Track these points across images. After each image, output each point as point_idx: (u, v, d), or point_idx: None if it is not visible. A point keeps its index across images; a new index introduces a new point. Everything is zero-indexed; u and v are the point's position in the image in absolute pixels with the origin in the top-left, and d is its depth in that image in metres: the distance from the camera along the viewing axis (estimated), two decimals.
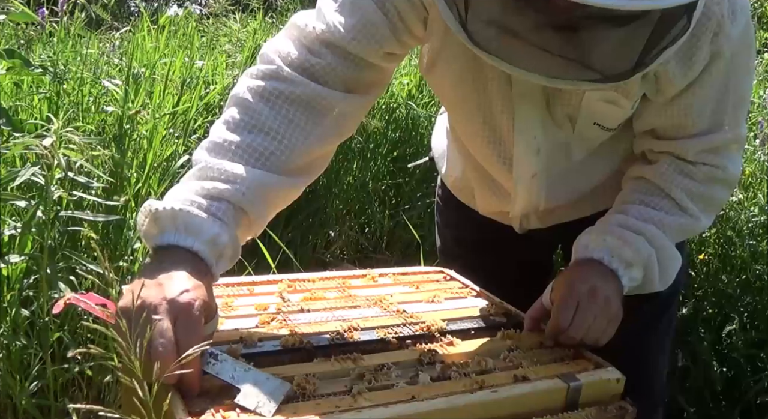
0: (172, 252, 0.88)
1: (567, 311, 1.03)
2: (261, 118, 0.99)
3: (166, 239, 0.88)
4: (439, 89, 1.29)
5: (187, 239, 0.88)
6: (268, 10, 4.02)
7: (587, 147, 1.23)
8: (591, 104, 1.12)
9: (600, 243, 1.10)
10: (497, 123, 1.20)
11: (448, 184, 1.51)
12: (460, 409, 0.84)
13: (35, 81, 2.03)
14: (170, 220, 0.89)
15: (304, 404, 0.81)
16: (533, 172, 1.23)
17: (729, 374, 2.22)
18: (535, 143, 1.19)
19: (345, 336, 1.00)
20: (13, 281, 1.55)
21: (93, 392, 1.69)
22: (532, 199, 1.28)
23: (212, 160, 0.95)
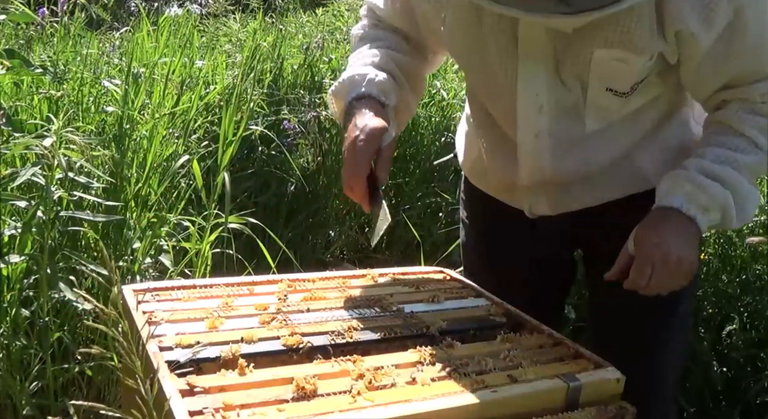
0: (350, 107, 1.19)
1: (642, 277, 1.16)
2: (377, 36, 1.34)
3: (346, 101, 1.21)
4: (454, 52, 1.36)
5: (355, 91, 1.20)
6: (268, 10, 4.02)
7: (602, 117, 1.23)
8: (601, 63, 1.14)
9: (678, 190, 1.17)
10: (504, 80, 1.22)
11: (466, 171, 1.54)
12: (460, 409, 0.84)
13: (35, 81, 2.04)
14: (344, 88, 1.22)
15: (304, 404, 0.82)
16: (536, 130, 1.25)
17: (729, 374, 2.22)
18: (537, 100, 1.21)
19: (345, 336, 1.00)
20: (13, 281, 1.55)
21: (93, 392, 1.69)
22: (537, 162, 1.28)
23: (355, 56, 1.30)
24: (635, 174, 1.30)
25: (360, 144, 1.12)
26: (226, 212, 1.87)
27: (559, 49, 1.16)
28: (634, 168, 1.30)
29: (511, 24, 1.15)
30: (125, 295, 1.05)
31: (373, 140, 1.12)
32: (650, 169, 1.30)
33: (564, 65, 1.17)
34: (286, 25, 4.15)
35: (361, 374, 0.89)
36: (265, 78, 2.93)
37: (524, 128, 1.25)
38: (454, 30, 1.25)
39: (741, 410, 2.14)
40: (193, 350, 0.87)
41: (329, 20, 5.03)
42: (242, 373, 0.87)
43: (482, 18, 1.18)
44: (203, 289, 1.13)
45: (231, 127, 1.95)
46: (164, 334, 0.95)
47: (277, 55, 3.08)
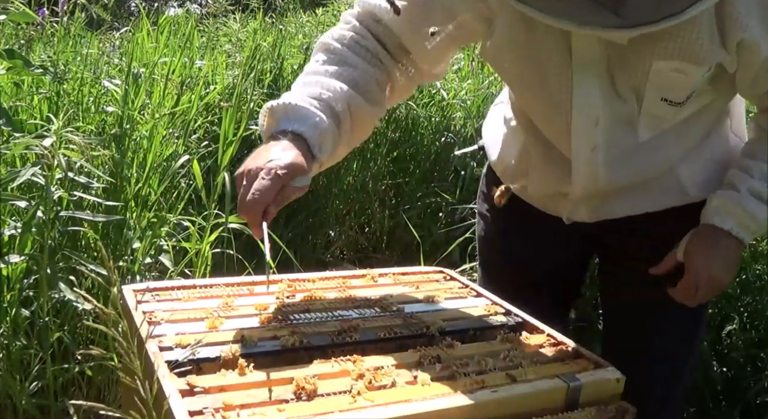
0: (280, 136, 1.08)
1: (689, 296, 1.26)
2: (342, 55, 1.22)
3: (279, 127, 1.09)
4: (499, 65, 1.31)
5: (294, 123, 1.08)
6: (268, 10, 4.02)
7: (655, 126, 1.22)
8: (659, 74, 1.12)
9: (731, 213, 1.22)
10: (557, 93, 1.20)
11: (498, 171, 1.51)
12: (460, 409, 0.84)
13: (35, 81, 2.03)
14: (283, 111, 1.10)
15: (304, 404, 0.82)
16: (593, 144, 1.23)
17: (729, 374, 2.22)
18: (593, 114, 1.19)
19: (345, 336, 1.00)
20: (13, 281, 1.55)
21: (93, 392, 1.69)
22: (592, 174, 1.27)
23: (313, 77, 1.17)
24: (676, 187, 1.32)
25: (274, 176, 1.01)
26: (226, 212, 1.87)
27: (613, 60, 1.14)
28: (676, 181, 1.31)
29: (564, 36, 1.12)
30: (125, 295, 1.05)
31: (286, 178, 1.02)
32: (690, 182, 1.32)
33: (620, 77, 1.15)
34: (286, 25, 4.14)
35: (361, 374, 0.89)
36: (265, 78, 2.93)
37: (580, 142, 1.23)
38: (503, 43, 1.21)
39: (741, 410, 2.14)
40: (193, 349, 0.87)
41: (329, 20, 5.02)
42: (242, 373, 0.87)
43: (534, 31, 1.14)
44: (203, 289, 1.13)
45: (231, 127, 1.95)
46: (164, 334, 0.95)
47: (277, 55, 3.08)
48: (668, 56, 1.09)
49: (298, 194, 1.07)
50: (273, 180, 1.01)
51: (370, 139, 3.07)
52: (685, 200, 1.31)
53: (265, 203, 1.00)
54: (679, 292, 1.26)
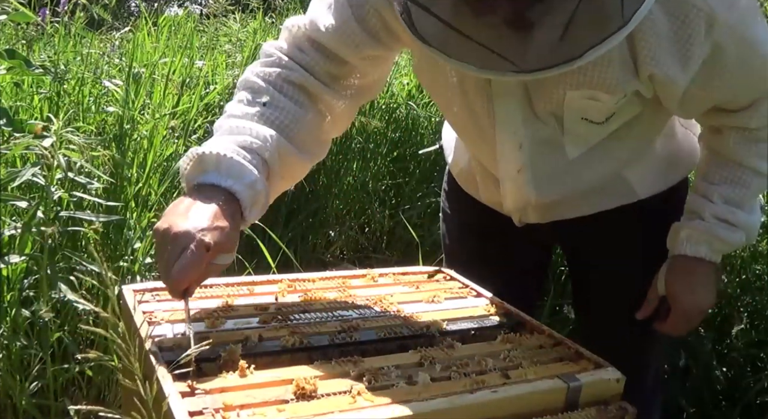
0: (210, 190, 0.98)
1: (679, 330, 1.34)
2: (271, 96, 1.12)
3: (208, 179, 0.99)
4: (427, 88, 1.35)
5: (227, 180, 0.99)
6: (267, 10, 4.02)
7: (581, 143, 1.24)
8: (573, 101, 1.14)
9: (702, 241, 1.26)
10: (480, 119, 1.22)
11: (455, 173, 1.55)
12: (460, 409, 0.84)
13: (35, 81, 2.03)
14: (214, 163, 0.99)
15: (304, 404, 0.82)
16: (518, 166, 1.26)
17: (729, 374, 2.22)
18: (516, 138, 1.22)
19: (345, 337, 1.00)
20: (13, 281, 1.55)
21: (93, 392, 1.69)
22: (522, 193, 1.31)
23: (240, 121, 1.07)
24: (624, 189, 1.35)
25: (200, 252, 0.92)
26: None
27: (530, 88, 1.15)
28: (624, 184, 1.34)
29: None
30: (125, 295, 1.06)
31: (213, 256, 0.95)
32: (639, 183, 1.35)
33: (537, 102, 1.17)
34: None
35: (361, 374, 0.89)
36: None
37: (505, 165, 1.27)
38: (425, 72, 1.24)
39: (741, 410, 2.14)
40: (193, 350, 0.87)
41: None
42: (242, 374, 0.87)
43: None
44: (203, 289, 1.13)
45: None
46: (164, 334, 0.95)
47: None
48: (580, 86, 1.10)
49: (217, 272, 0.99)
50: (199, 257, 0.92)
51: (370, 139, 3.07)
52: (635, 199, 1.35)
53: (189, 281, 0.93)
54: (669, 326, 1.32)
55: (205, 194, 0.98)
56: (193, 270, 0.92)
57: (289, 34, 1.18)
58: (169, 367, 0.84)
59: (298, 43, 1.17)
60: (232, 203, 0.99)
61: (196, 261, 0.92)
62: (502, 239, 1.47)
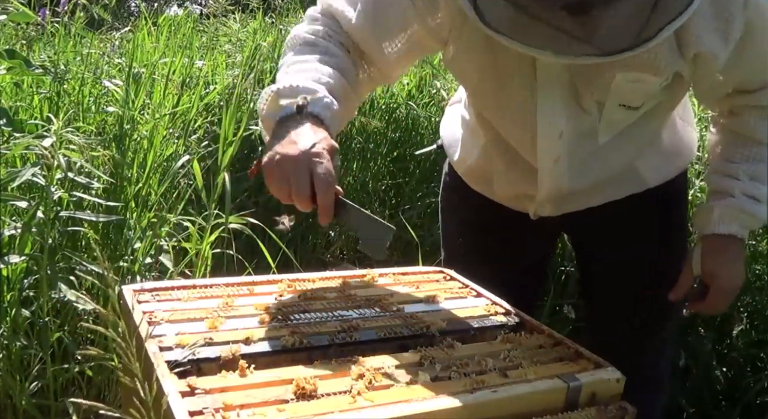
0: (295, 118, 1.04)
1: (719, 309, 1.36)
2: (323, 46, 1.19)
3: (289, 110, 1.05)
4: (462, 78, 1.34)
5: (312, 105, 1.05)
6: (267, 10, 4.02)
7: (613, 129, 1.27)
8: (620, 85, 1.16)
9: (733, 219, 1.29)
10: (522, 109, 1.23)
11: (460, 171, 1.54)
12: (460, 409, 0.84)
13: (35, 81, 2.03)
14: (291, 94, 1.06)
15: (304, 404, 0.82)
16: (556, 156, 1.28)
17: (729, 374, 2.22)
18: (557, 128, 1.24)
19: (345, 337, 1.00)
20: (13, 281, 1.55)
21: (93, 392, 1.69)
22: (556, 182, 1.33)
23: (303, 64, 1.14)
24: (635, 178, 1.39)
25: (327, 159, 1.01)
26: (226, 212, 1.86)
27: (576, 76, 1.17)
28: (635, 173, 1.38)
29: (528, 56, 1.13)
30: (125, 295, 1.06)
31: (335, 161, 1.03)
32: (648, 172, 1.39)
33: (583, 91, 1.19)
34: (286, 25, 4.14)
35: (361, 374, 0.89)
36: (265, 78, 2.93)
37: (544, 155, 1.28)
38: (466, 60, 1.23)
39: (741, 410, 2.14)
40: (193, 350, 0.87)
41: None
42: (242, 374, 0.87)
43: (498, 50, 1.15)
44: (203, 289, 1.13)
45: (231, 127, 1.95)
46: (164, 334, 0.95)
47: (277, 55, 3.08)
48: (630, 69, 1.12)
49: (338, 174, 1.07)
50: (330, 163, 1.01)
51: (370, 139, 3.07)
52: (644, 188, 1.40)
53: (334, 184, 1.01)
54: (709, 306, 1.33)
55: (291, 121, 1.04)
56: (333, 176, 1.00)
57: (328, 7, 1.23)
58: (169, 366, 0.84)
59: (334, 18, 1.23)
60: (318, 122, 1.06)
61: (330, 168, 1.00)
62: (504, 237, 1.49)
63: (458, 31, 1.19)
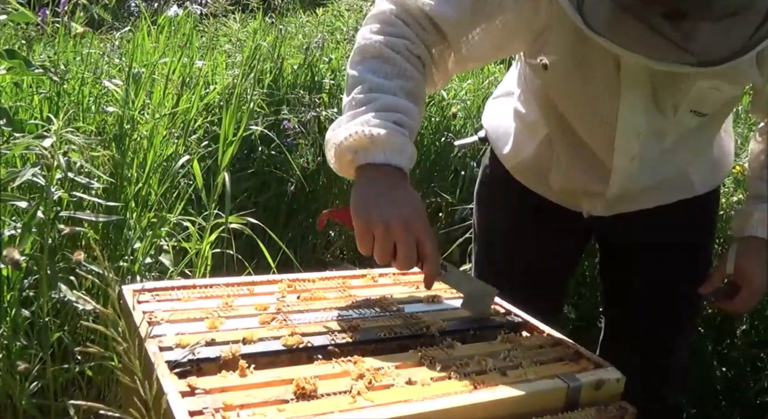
0: (383, 169, 1.08)
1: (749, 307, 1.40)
2: (400, 66, 1.17)
3: (378, 159, 1.08)
4: (543, 74, 1.31)
5: (396, 158, 1.09)
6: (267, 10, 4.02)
7: (679, 133, 1.30)
8: (699, 92, 1.18)
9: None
10: (604, 108, 1.24)
11: (509, 165, 1.54)
12: (460, 409, 0.84)
13: (35, 81, 2.03)
14: (384, 144, 1.08)
15: (304, 404, 0.82)
16: (632, 155, 1.29)
17: (729, 374, 2.22)
18: (636, 129, 1.25)
19: (345, 336, 1.00)
20: (13, 281, 1.55)
21: (93, 392, 1.69)
22: (628, 181, 1.35)
23: (383, 96, 1.13)
24: (686, 184, 1.43)
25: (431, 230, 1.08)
26: (226, 212, 1.86)
27: (658, 79, 1.18)
28: (687, 179, 1.42)
29: (614, 56, 1.15)
30: (125, 295, 1.06)
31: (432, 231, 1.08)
32: (698, 179, 1.44)
33: (662, 94, 1.20)
34: (286, 25, 4.14)
35: (361, 374, 0.89)
36: (265, 78, 2.93)
37: (621, 153, 1.29)
38: (556, 54, 1.22)
39: (741, 410, 2.14)
40: (193, 350, 0.87)
41: (329, 20, 5.02)
42: (242, 374, 0.87)
43: (586, 49, 1.16)
44: (203, 289, 1.13)
45: (231, 127, 1.95)
46: (164, 334, 0.95)
47: (277, 55, 3.08)
48: (711, 77, 1.14)
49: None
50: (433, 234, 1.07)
51: None
52: (692, 194, 1.44)
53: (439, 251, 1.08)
54: (739, 305, 1.38)
55: (379, 173, 1.08)
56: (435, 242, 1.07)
57: (403, 6, 1.19)
58: (169, 366, 0.84)
59: (419, 19, 1.19)
60: (403, 175, 1.11)
61: (435, 240, 1.07)
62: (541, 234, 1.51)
63: (553, 27, 1.18)
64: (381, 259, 1.06)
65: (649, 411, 1.05)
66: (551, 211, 1.48)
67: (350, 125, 1.10)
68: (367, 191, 1.08)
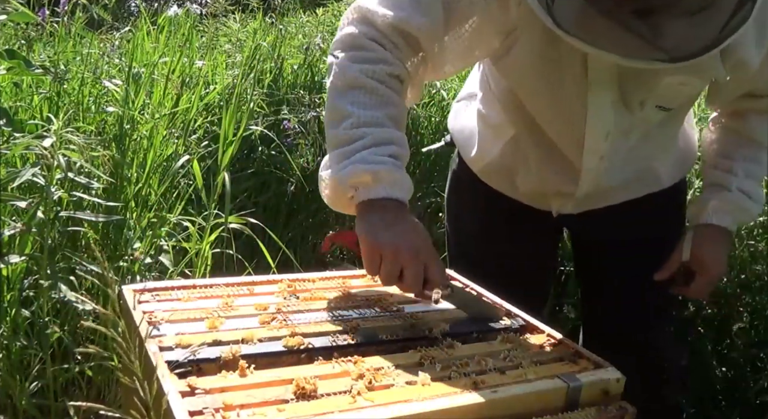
0: (387, 203, 1.10)
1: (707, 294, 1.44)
2: (383, 95, 1.16)
3: (380, 194, 1.10)
4: (516, 74, 1.31)
5: (397, 192, 1.11)
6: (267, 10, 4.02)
7: (644, 129, 1.31)
8: (666, 88, 1.18)
9: (729, 211, 1.35)
10: (572, 107, 1.25)
11: (476, 168, 1.53)
12: (460, 409, 0.84)
13: (35, 81, 2.03)
14: (389, 181, 1.10)
15: (304, 404, 0.82)
16: (601, 154, 1.30)
17: (729, 374, 2.22)
18: (605, 128, 1.26)
19: (345, 337, 1.00)
20: (13, 281, 1.55)
21: (93, 392, 1.69)
22: (598, 179, 1.35)
23: (375, 130, 1.13)
24: (653, 178, 1.44)
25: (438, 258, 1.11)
26: (226, 212, 1.87)
27: (625, 77, 1.18)
28: (654, 174, 1.44)
29: (581, 55, 1.16)
30: (125, 295, 1.06)
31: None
32: (664, 173, 1.45)
33: (631, 91, 1.20)
34: (286, 25, 4.14)
35: (361, 374, 0.89)
36: (265, 78, 2.92)
37: (591, 153, 1.30)
38: (524, 57, 1.22)
39: (741, 410, 2.14)
40: (193, 350, 0.87)
41: (329, 20, 5.02)
42: (242, 373, 0.87)
43: (555, 49, 1.16)
44: (203, 289, 1.13)
45: (231, 127, 1.95)
46: (164, 334, 0.95)
47: (277, 55, 3.08)
48: (678, 72, 1.14)
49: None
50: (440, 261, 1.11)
51: None
52: (660, 188, 1.45)
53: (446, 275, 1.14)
54: (695, 291, 1.40)
55: (385, 207, 1.11)
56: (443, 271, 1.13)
57: (373, 26, 1.17)
58: (169, 366, 0.84)
59: (391, 37, 1.18)
60: (405, 208, 1.13)
61: (440, 263, 1.11)
62: (513, 235, 1.52)
63: (521, 27, 1.18)
64: (387, 281, 1.08)
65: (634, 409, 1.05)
66: (521, 212, 1.49)
67: (347, 164, 1.11)
68: (374, 219, 1.10)
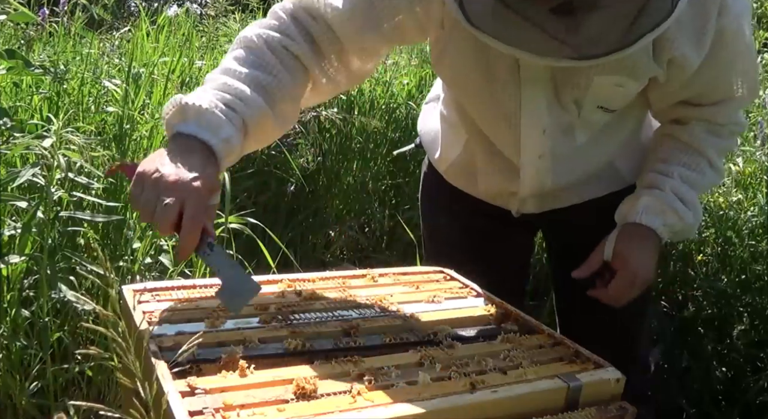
0: (190, 141, 1.00)
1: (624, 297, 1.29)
2: (265, 59, 1.13)
3: (188, 129, 1.01)
4: (449, 77, 1.34)
5: (206, 133, 1.01)
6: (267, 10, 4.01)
7: (590, 130, 1.29)
8: (600, 88, 1.17)
9: (658, 212, 1.27)
10: (506, 106, 1.24)
11: (441, 169, 1.54)
12: (460, 409, 0.84)
13: (35, 81, 2.03)
14: (195, 114, 1.01)
15: (304, 404, 0.82)
16: (540, 152, 1.29)
17: (729, 374, 2.22)
18: (540, 126, 1.25)
19: (345, 338, 1.00)
20: (13, 281, 1.55)
21: (93, 392, 1.69)
22: (540, 179, 1.34)
23: (229, 79, 1.08)
24: (615, 176, 1.42)
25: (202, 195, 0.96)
26: (226, 212, 1.86)
27: (557, 75, 1.18)
28: (615, 171, 1.41)
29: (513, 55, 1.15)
30: (125, 295, 1.06)
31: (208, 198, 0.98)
32: (627, 170, 1.42)
33: (563, 89, 1.20)
34: None
35: (361, 374, 0.89)
36: None
37: (528, 151, 1.29)
38: (454, 56, 1.23)
39: (741, 410, 2.14)
40: (192, 349, 0.87)
41: None
42: (242, 374, 0.87)
43: (485, 48, 1.15)
44: (203, 289, 1.13)
45: None
46: (164, 334, 0.95)
47: None
48: (609, 72, 1.14)
49: (214, 211, 1.04)
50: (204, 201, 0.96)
51: (370, 139, 3.07)
52: (623, 185, 1.41)
53: (201, 224, 0.95)
54: (613, 292, 1.28)
55: (185, 143, 1.00)
56: (202, 216, 0.95)
57: (302, 4, 1.17)
58: (169, 366, 0.84)
59: (311, 11, 1.17)
60: (210, 155, 1.01)
61: (200, 207, 0.95)
62: (485, 235, 1.51)
63: (450, 27, 1.19)
64: (143, 215, 0.96)
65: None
66: (488, 212, 1.48)
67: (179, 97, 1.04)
68: (166, 151, 1.00)
